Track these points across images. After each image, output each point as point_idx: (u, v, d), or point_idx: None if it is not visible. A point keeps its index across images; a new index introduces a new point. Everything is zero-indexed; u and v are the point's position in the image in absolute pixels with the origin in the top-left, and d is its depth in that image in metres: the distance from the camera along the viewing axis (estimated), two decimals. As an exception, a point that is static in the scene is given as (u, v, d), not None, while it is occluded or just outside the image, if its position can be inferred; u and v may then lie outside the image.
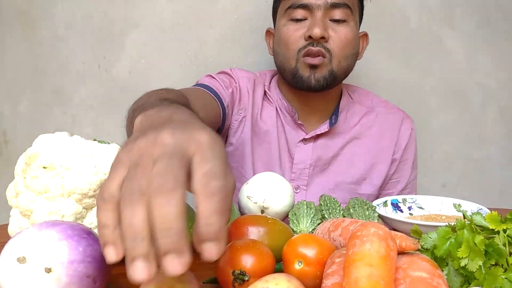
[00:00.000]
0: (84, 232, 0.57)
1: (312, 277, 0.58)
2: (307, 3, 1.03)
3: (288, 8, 1.06)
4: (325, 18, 1.04)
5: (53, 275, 0.52)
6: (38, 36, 1.44)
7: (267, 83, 1.20)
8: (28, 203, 0.70)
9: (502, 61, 1.57)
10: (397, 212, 0.90)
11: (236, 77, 1.17)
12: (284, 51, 1.07)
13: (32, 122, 1.47)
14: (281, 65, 1.10)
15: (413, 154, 1.21)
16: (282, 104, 1.16)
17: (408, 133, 1.20)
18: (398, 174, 1.19)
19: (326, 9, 1.03)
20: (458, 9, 1.53)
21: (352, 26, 1.07)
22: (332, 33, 1.04)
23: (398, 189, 1.20)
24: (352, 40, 1.07)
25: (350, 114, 1.19)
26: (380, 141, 1.18)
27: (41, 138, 0.74)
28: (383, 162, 1.17)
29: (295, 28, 1.05)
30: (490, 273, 0.52)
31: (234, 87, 1.16)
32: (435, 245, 0.57)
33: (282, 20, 1.08)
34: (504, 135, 1.60)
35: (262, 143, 1.16)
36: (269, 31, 1.19)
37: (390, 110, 1.22)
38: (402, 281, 0.48)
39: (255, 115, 1.17)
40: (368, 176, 1.16)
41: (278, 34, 1.11)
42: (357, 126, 1.18)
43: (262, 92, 1.18)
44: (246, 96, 1.16)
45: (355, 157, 1.16)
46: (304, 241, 0.61)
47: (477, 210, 0.81)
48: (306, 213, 0.82)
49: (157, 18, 1.45)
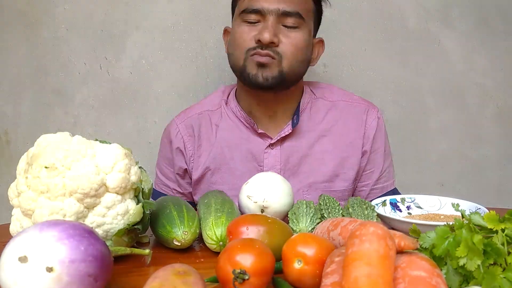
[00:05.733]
0: (85, 232, 0.57)
1: (312, 276, 0.59)
2: (260, 8, 1.06)
3: (242, 11, 1.08)
4: (277, 24, 1.06)
5: (54, 274, 0.52)
6: (40, 37, 1.45)
7: (225, 97, 1.22)
8: (30, 203, 0.71)
9: (500, 61, 1.57)
10: (396, 212, 0.91)
11: (172, 139, 1.20)
12: (234, 50, 1.10)
13: (34, 122, 1.48)
14: (233, 64, 1.12)
15: (383, 143, 1.19)
16: (242, 116, 1.17)
17: (375, 123, 1.18)
18: (371, 164, 1.18)
19: (278, 15, 1.05)
20: (455, 10, 1.54)
21: (304, 33, 1.09)
22: (284, 39, 1.06)
23: (373, 179, 1.19)
24: (304, 47, 1.09)
25: (314, 111, 1.18)
26: (347, 135, 1.17)
27: (42, 138, 0.74)
28: (354, 156, 1.16)
29: (247, 29, 1.08)
30: (489, 273, 0.52)
31: (175, 155, 1.20)
32: (433, 244, 0.57)
33: (237, 20, 1.11)
34: (502, 135, 1.60)
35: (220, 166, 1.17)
36: (227, 30, 1.21)
37: (353, 102, 1.20)
38: (401, 280, 0.48)
39: (208, 146, 1.18)
40: (340, 172, 1.15)
41: (232, 34, 1.13)
42: (323, 123, 1.17)
43: (213, 120, 1.20)
44: (191, 142, 1.19)
45: (325, 155, 1.15)
46: (303, 240, 0.61)
47: (475, 209, 0.82)
48: (305, 212, 0.83)
49: (158, 19, 1.46)
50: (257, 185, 0.88)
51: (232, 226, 0.72)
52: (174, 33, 1.46)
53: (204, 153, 1.18)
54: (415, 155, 1.58)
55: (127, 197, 0.76)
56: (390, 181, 1.22)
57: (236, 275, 0.56)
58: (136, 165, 0.79)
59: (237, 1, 1.14)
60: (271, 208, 0.86)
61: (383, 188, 1.20)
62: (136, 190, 0.79)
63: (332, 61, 1.51)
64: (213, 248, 0.78)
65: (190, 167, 1.20)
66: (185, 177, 1.22)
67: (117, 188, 0.74)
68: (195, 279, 0.52)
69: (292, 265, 0.60)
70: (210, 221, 0.79)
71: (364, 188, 1.19)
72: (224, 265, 0.57)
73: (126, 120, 1.49)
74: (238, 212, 0.86)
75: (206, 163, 1.17)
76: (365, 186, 1.19)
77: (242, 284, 0.56)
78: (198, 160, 1.18)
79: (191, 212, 0.82)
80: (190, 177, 1.20)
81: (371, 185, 1.18)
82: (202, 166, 1.17)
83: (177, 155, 1.20)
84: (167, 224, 0.78)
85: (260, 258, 0.57)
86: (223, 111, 1.20)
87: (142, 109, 1.49)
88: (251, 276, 0.56)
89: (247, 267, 0.56)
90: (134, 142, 1.46)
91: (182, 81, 1.48)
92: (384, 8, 1.51)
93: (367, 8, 1.51)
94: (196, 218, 0.81)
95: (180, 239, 0.77)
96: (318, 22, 1.18)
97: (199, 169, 1.18)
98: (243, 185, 0.91)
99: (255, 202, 0.86)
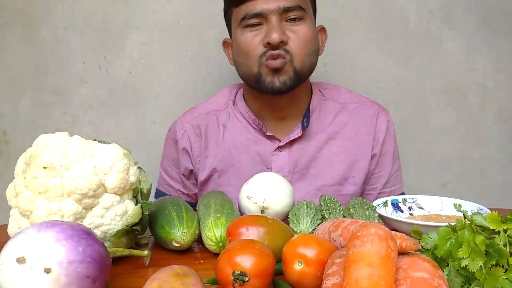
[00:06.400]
0: (83, 233, 0.57)
1: (312, 278, 0.58)
2: (260, 11, 1.03)
3: (242, 18, 1.05)
4: (280, 22, 1.04)
5: (52, 276, 0.51)
6: (39, 37, 1.44)
7: (232, 97, 1.19)
8: (28, 203, 0.70)
9: (501, 61, 1.57)
10: (398, 212, 0.90)
11: (178, 139, 1.18)
12: (245, 59, 1.07)
13: (32, 122, 1.47)
14: (244, 73, 1.09)
15: (392, 146, 1.18)
16: (250, 117, 1.15)
17: (385, 126, 1.17)
18: (379, 168, 1.17)
19: (279, 13, 1.03)
20: (457, 10, 1.53)
21: (309, 24, 1.07)
22: (291, 34, 1.04)
23: (381, 183, 1.17)
24: (311, 38, 1.07)
25: (323, 113, 1.16)
26: (357, 138, 1.15)
27: (41, 138, 0.74)
28: (363, 159, 1.14)
29: (252, 35, 1.05)
30: (491, 274, 0.52)
31: (181, 155, 1.18)
32: (435, 245, 0.57)
33: (238, 30, 1.08)
34: (504, 135, 1.60)
35: (227, 168, 1.15)
36: (226, 42, 1.18)
37: (363, 105, 1.19)
38: (403, 282, 0.48)
39: (215, 146, 1.16)
40: (349, 175, 1.14)
41: (236, 44, 1.10)
42: (332, 126, 1.15)
43: (220, 121, 1.17)
44: (198, 142, 1.17)
45: (334, 157, 1.13)
46: (304, 242, 0.61)
47: (477, 210, 0.81)
48: (306, 213, 0.82)
49: (157, 18, 1.46)
50: (257, 185, 0.87)
51: (231, 227, 0.72)
52: (173, 33, 1.46)
53: (211, 154, 1.16)
54: (416, 155, 1.58)
55: (126, 198, 0.76)
56: (398, 185, 1.20)
57: (236, 277, 0.55)
58: (135, 165, 0.79)
59: (231, 11, 1.11)
60: (271, 209, 0.85)
61: (391, 192, 1.18)
62: (135, 190, 0.78)
63: (333, 60, 1.51)
64: (212, 249, 0.77)
65: (196, 168, 1.18)
66: (190, 178, 1.20)
67: (115, 188, 0.73)
68: (194, 281, 0.52)
69: (293, 267, 0.59)
70: (210, 222, 0.78)
71: (372, 192, 1.17)
72: (223, 266, 0.57)
73: (125, 120, 1.48)
74: (238, 213, 0.85)
75: (213, 164, 1.15)
76: (373, 190, 1.17)
77: (242, 285, 0.55)
78: (205, 161, 1.16)
79: (190, 212, 0.81)
80: (196, 178, 1.19)
81: (379, 189, 1.17)
82: (209, 167, 1.16)
83: (183, 155, 1.18)
84: (166, 225, 0.78)
85: (260, 259, 0.57)
86: (230, 112, 1.18)
87: (141, 109, 1.49)
88: (251, 277, 0.55)
89: (247, 268, 0.56)
90: (133, 142, 1.45)
91: (182, 81, 1.48)
92: (385, 7, 1.51)
93: (368, 8, 1.50)
94: (195, 219, 0.80)
95: (179, 240, 0.76)
96: (315, 9, 1.16)
97: (205, 170, 1.16)
98: (243, 186, 0.90)
99: (255, 202, 0.85)
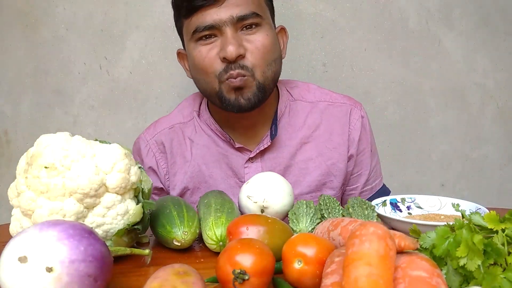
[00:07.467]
0: (85, 232, 0.57)
1: (312, 276, 0.59)
2: (212, 23, 0.95)
3: (194, 31, 0.97)
4: (236, 32, 0.96)
5: (54, 275, 0.52)
6: (39, 37, 1.45)
7: (197, 108, 1.12)
8: (30, 203, 0.70)
9: (501, 62, 1.57)
10: (396, 212, 0.91)
11: (143, 158, 1.12)
12: (203, 76, 1.00)
13: (34, 122, 1.48)
14: (204, 90, 1.03)
15: (369, 142, 1.12)
16: (216, 129, 1.08)
17: (359, 124, 1.10)
18: (358, 167, 1.11)
19: (233, 23, 0.95)
20: (456, 10, 1.54)
21: (267, 30, 0.99)
22: (248, 45, 0.96)
23: (362, 182, 1.13)
24: (270, 45, 0.99)
25: (293, 115, 1.09)
26: (331, 140, 1.08)
27: (42, 138, 0.74)
28: (340, 161, 1.08)
29: (207, 49, 0.97)
30: (489, 273, 0.52)
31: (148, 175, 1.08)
32: (434, 244, 0.57)
33: (191, 43, 1.00)
34: (502, 135, 1.60)
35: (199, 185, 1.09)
36: (181, 53, 1.10)
37: (334, 102, 1.11)
38: (401, 280, 0.48)
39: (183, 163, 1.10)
40: (327, 180, 1.08)
41: (191, 58, 1.02)
42: (304, 129, 1.08)
43: (186, 134, 1.11)
44: (164, 159, 1.11)
45: (309, 163, 1.07)
46: (303, 241, 0.61)
47: (475, 209, 0.81)
48: (305, 212, 0.83)
49: (158, 19, 1.46)
50: (257, 185, 0.88)
51: (232, 226, 0.72)
52: (174, 33, 1.46)
53: (179, 172, 1.10)
54: (415, 155, 1.58)
55: (127, 197, 0.76)
56: (378, 179, 1.16)
57: (236, 275, 0.55)
58: (136, 165, 0.79)
59: (182, 22, 1.03)
60: (271, 208, 0.86)
61: (373, 188, 1.15)
62: (136, 190, 0.79)
63: (332, 61, 1.51)
64: (213, 248, 0.78)
65: (166, 186, 1.12)
66: (161, 195, 1.14)
67: (117, 188, 0.74)
68: (195, 279, 0.52)
69: (292, 265, 0.59)
70: (210, 221, 0.79)
71: (353, 192, 1.14)
72: (224, 265, 0.57)
73: (126, 120, 1.49)
74: (238, 212, 0.86)
75: (184, 183, 1.09)
76: (353, 190, 1.14)
77: (242, 284, 0.56)
78: (174, 178, 1.10)
79: (191, 212, 0.82)
80: (168, 193, 1.13)
81: (361, 188, 1.14)
82: (179, 185, 1.10)
83: (151, 175, 1.11)
84: (167, 224, 0.78)
85: (260, 258, 0.57)
86: (196, 124, 1.11)
87: (142, 109, 1.49)
88: (251, 276, 0.56)
89: (247, 267, 0.56)
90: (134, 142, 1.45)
91: (182, 81, 1.48)
92: (384, 8, 1.51)
93: (367, 8, 1.51)
94: (196, 218, 0.81)
95: (180, 239, 0.77)
96: (272, 10, 1.07)
97: (176, 188, 1.10)
98: (243, 185, 0.91)
99: (255, 202, 0.86)
